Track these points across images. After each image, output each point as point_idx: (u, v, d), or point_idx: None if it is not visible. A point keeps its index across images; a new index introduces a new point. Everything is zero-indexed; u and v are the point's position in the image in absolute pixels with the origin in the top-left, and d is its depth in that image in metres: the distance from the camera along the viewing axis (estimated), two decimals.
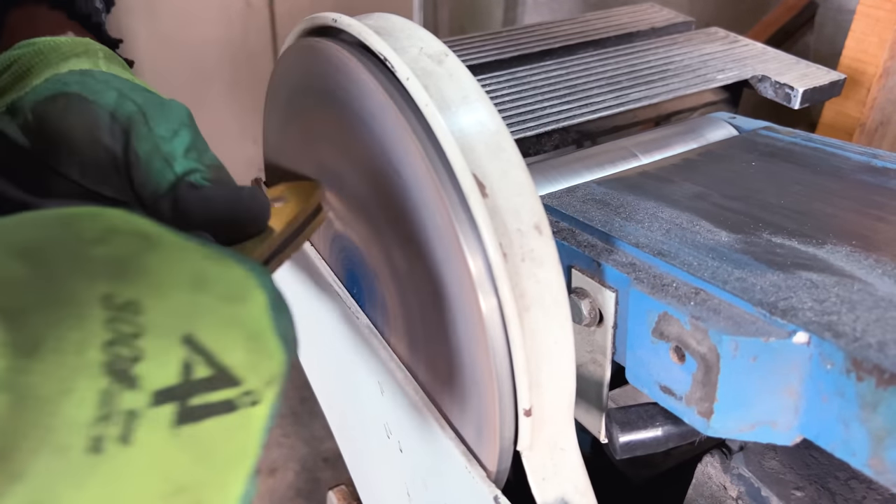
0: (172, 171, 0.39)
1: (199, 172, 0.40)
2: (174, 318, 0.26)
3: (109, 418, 0.23)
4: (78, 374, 0.23)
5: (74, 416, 0.22)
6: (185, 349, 0.25)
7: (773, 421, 0.36)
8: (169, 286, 0.26)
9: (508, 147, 0.36)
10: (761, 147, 0.54)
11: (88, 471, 0.23)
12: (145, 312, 0.25)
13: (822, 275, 0.38)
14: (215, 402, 0.26)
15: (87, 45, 0.45)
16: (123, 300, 0.25)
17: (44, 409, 0.22)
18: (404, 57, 0.37)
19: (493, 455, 0.38)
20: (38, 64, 0.43)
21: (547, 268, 0.36)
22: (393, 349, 0.45)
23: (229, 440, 0.26)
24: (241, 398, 0.27)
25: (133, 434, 0.23)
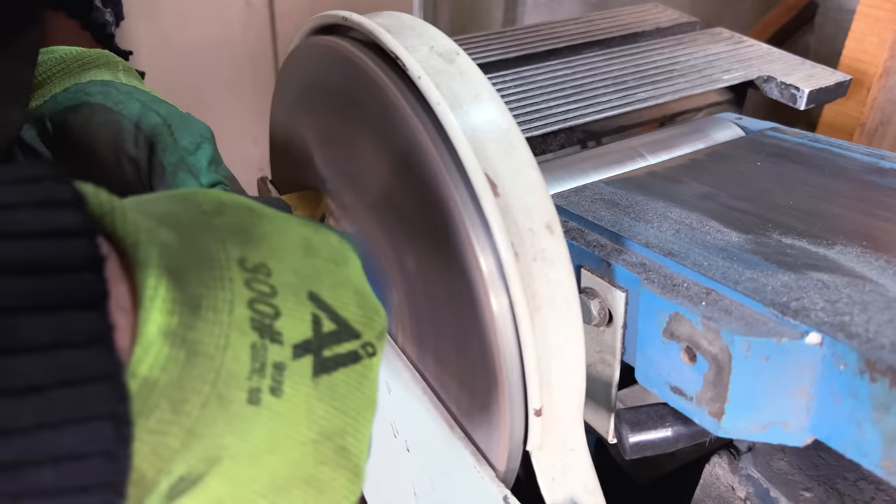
0: (198, 183, 0.40)
1: (223, 185, 0.40)
2: (299, 278, 0.27)
3: (262, 371, 0.24)
4: (232, 331, 0.24)
5: (233, 370, 0.24)
6: (313, 306, 0.27)
7: (785, 422, 0.36)
8: (286, 250, 0.28)
9: (520, 146, 0.36)
10: (768, 148, 0.54)
11: (249, 421, 0.24)
12: (275, 274, 0.26)
13: (833, 275, 0.38)
14: (343, 354, 0.28)
15: (107, 56, 0.45)
16: (255, 263, 0.26)
17: (209, 363, 0.23)
18: (415, 55, 0.37)
19: (503, 455, 0.38)
20: (59, 73, 0.44)
21: (558, 267, 0.35)
22: (401, 348, 0.45)
23: (358, 388, 0.28)
24: (361, 349, 0.28)
25: (282, 385, 0.25)
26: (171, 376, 0.22)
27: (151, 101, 0.42)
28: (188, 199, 0.27)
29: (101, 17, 0.49)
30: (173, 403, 0.22)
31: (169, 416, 0.22)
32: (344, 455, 0.27)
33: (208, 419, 0.23)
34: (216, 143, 0.43)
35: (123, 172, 0.42)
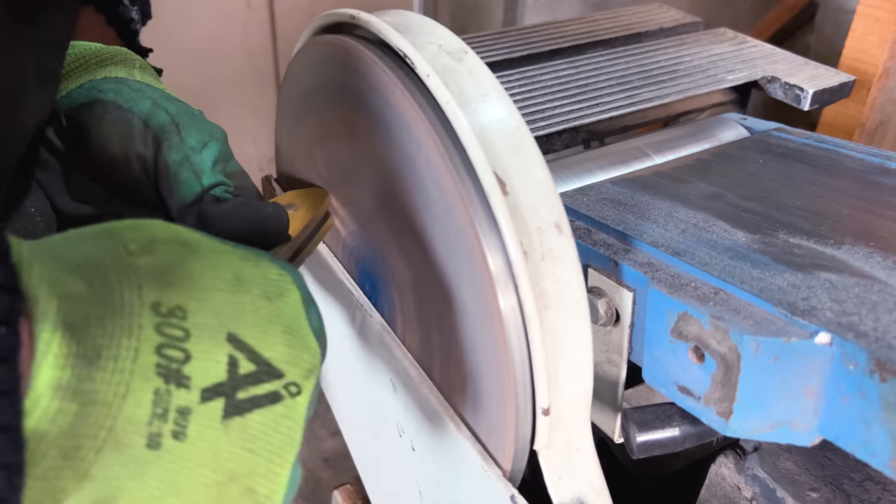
0: (200, 184, 0.40)
1: (225, 186, 0.41)
2: (218, 319, 0.27)
3: (164, 416, 0.25)
4: (134, 378, 0.24)
5: (133, 416, 0.24)
6: (230, 347, 0.27)
7: (793, 421, 0.35)
8: (211, 289, 0.28)
9: (528, 144, 0.36)
10: (774, 148, 0.54)
11: (148, 465, 0.24)
12: (191, 316, 0.27)
13: (841, 275, 0.38)
14: (261, 395, 0.27)
15: (125, 53, 0.46)
16: (170, 306, 0.26)
17: (106, 411, 0.23)
18: (424, 54, 0.37)
19: (510, 454, 0.38)
20: (77, 69, 0.44)
21: (566, 267, 0.35)
22: (407, 347, 0.45)
23: (275, 429, 0.28)
24: (284, 389, 0.28)
25: (186, 429, 0.25)
26: (60, 427, 0.22)
27: (162, 99, 0.42)
28: (115, 237, 0.28)
29: (128, 13, 0.50)
30: (65, 451, 0.23)
31: (60, 463, 0.23)
32: (251, 496, 0.27)
33: (104, 463, 0.24)
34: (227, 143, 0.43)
35: (132, 170, 0.42)
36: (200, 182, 0.40)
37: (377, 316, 0.47)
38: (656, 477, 0.59)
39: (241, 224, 0.38)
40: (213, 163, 0.41)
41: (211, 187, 0.40)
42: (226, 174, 0.42)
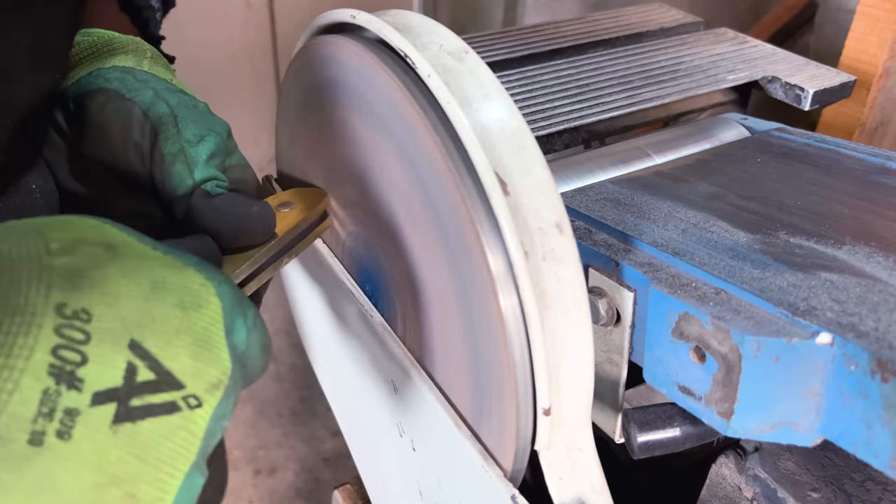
0: (191, 177, 0.40)
1: (217, 181, 0.42)
2: (123, 325, 0.28)
3: (50, 415, 0.25)
4: (24, 376, 0.25)
5: (18, 412, 0.25)
6: (131, 354, 0.28)
7: (794, 422, 0.35)
8: (123, 294, 0.29)
9: (529, 145, 0.36)
10: (775, 148, 0.54)
11: (27, 460, 0.25)
12: (95, 320, 0.27)
13: (842, 275, 0.38)
14: (156, 404, 0.28)
15: (137, 43, 0.47)
16: (76, 308, 0.27)
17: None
18: (425, 54, 0.37)
19: (510, 454, 0.38)
20: (89, 56, 0.45)
21: (567, 267, 0.35)
22: (407, 347, 0.45)
23: (168, 438, 0.28)
24: (182, 401, 0.28)
25: (72, 430, 0.26)
26: None
27: (164, 90, 0.43)
28: (40, 235, 0.28)
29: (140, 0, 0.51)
30: None
31: None
32: (132, 501, 0.27)
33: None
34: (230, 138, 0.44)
35: (130, 159, 0.43)
36: (192, 175, 0.40)
37: (378, 316, 0.47)
38: (656, 477, 0.59)
39: (225, 221, 0.39)
40: (209, 157, 0.41)
41: (203, 181, 0.40)
42: (225, 167, 0.43)
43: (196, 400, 0.29)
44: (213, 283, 0.31)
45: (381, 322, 0.46)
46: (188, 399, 0.29)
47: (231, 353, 0.31)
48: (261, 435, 1.57)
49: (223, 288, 0.32)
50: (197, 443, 0.29)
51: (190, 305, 0.30)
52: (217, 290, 0.31)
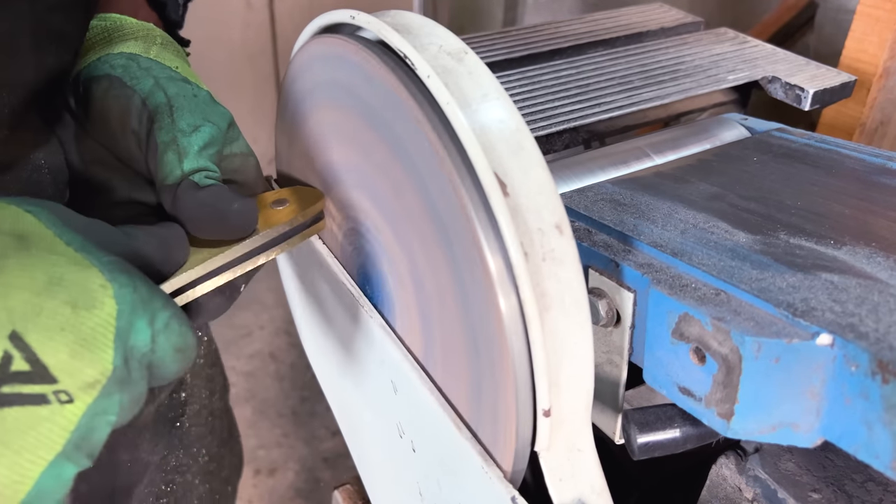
0: (181, 167, 0.41)
1: (207, 172, 0.42)
2: (8, 316, 0.29)
3: None
4: None
5: None
6: (9, 344, 0.29)
7: (795, 423, 0.35)
8: (15, 286, 0.30)
9: (529, 145, 0.36)
10: (775, 148, 0.54)
11: None
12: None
13: (842, 276, 0.38)
14: (25, 394, 0.29)
15: (148, 29, 0.48)
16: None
17: None
18: (424, 54, 0.37)
19: (510, 455, 0.38)
20: (102, 41, 0.46)
21: (567, 267, 0.35)
22: (408, 348, 0.45)
23: (32, 428, 0.29)
24: (53, 395, 0.30)
25: None
26: None
27: (166, 79, 0.44)
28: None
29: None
30: None
31: None
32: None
33: None
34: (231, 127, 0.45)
35: (130, 146, 0.44)
36: (181, 165, 0.41)
37: (378, 317, 0.47)
38: (657, 478, 0.59)
39: (205, 214, 0.40)
40: (201, 147, 0.42)
41: (192, 172, 0.41)
42: (224, 156, 0.44)
43: (67, 396, 0.30)
44: (114, 285, 0.32)
45: (381, 323, 0.46)
46: (59, 394, 0.30)
47: (120, 355, 0.32)
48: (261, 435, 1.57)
49: (124, 291, 0.32)
50: (65, 435, 0.30)
51: (82, 304, 0.31)
52: (116, 292, 0.32)
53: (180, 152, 0.41)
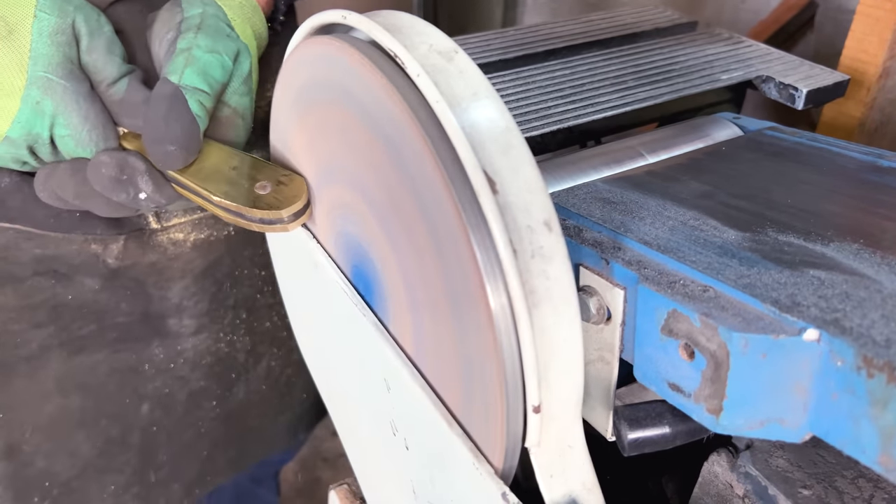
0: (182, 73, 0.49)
1: (193, 93, 0.49)
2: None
3: None
4: None
5: None
6: None
7: (783, 418, 0.36)
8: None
9: (518, 144, 0.36)
10: (767, 147, 0.55)
11: None
12: None
13: (830, 272, 0.38)
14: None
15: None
16: None
17: None
18: (414, 54, 0.37)
19: (501, 451, 0.38)
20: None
21: (556, 265, 0.36)
22: (400, 346, 0.45)
23: None
24: None
25: None
26: None
27: (212, 17, 0.52)
28: None
29: None
30: None
31: None
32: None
33: None
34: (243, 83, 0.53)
35: (158, 49, 0.53)
36: (184, 71, 0.49)
37: (370, 315, 0.47)
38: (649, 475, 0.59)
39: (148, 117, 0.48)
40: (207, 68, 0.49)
41: (188, 87, 0.48)
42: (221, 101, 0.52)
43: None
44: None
45: (374, 320, 0.47)
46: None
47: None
48: None
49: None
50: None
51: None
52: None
53: (189, 59, 0.49)
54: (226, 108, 0.53)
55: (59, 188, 0.52)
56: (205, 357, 0.75)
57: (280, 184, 0.49)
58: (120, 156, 0.50)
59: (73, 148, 0.50)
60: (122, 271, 0.67)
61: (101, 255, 0.65)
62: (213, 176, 0.50)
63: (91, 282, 0.66)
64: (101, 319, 0.68)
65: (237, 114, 0.53)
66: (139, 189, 0.50)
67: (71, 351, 0.68)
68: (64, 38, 0.49)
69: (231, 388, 0.79)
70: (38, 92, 0.48)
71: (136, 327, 0.70)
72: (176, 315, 0.72)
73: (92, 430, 0.71)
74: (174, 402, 0.75)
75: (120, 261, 0.66)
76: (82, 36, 0.50)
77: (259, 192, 0.48)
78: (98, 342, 0.69)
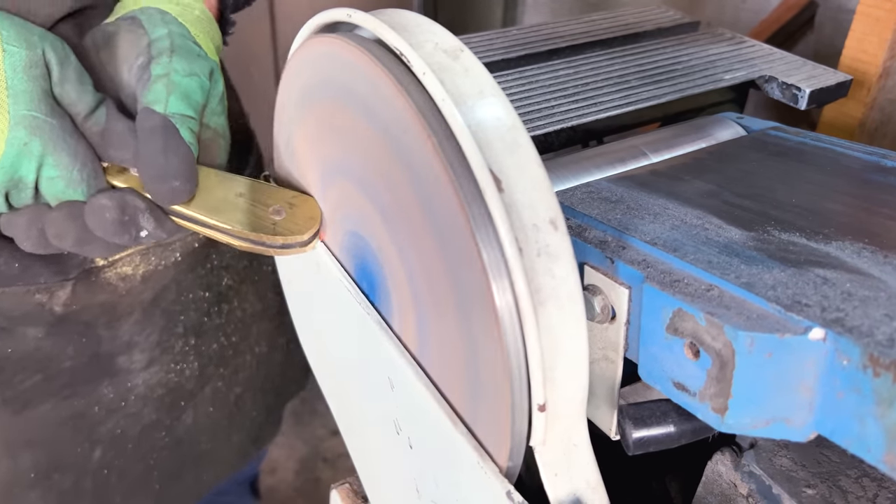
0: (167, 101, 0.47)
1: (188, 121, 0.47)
2: None
3: None
4: None
5: None
6: None
7: (788, 417, 0.36)
8: None
9: (524, 142, 0.36)
10: (771, 147, 0.55)
11: None
12: None
13: (834, 271, 0.38)
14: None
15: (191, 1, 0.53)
16: None
17: None
18: (420, 52, 0.37)
19: (506, 450, 0.38)
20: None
21: (562, 263, 0.36)
22: (404, 344, 0.45)
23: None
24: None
25: None
26: None
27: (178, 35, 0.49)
28: None
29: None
30: None
31: None
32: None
33: None
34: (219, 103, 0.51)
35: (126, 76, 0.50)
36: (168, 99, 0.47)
37: (374, 314, 0.47)
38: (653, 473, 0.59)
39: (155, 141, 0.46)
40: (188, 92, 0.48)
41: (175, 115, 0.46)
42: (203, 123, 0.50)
43: None
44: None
45: (378, 319, 0.47)
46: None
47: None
48: None
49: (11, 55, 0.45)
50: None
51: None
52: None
53: (169, 86, 0.46)
54: (207, 130, 0.51)
55: (58, 236, 0.48)
56: (156, 390, 0.72)
57: (292, 206, 0.49)
58: (119, 196, 0.47)
59: (63, 189, 0.47)
60: (70, 316, 0.63)
61: (46, 303, 0.61)
62: (223, 206, 0.48)
63: (34, 331, 0.62)
64: (45, 368, 0.64)
65: (218, 134, 0.52)
66: (141, 228, 0.47)
67: (16, 408, 0.64)
68: (38, 72, 0.45)
69: (180, 416, 0.76)
70: (25, 133, 0.44)
71: (84, 371, 0.66)
72: (126, 352, 0.69)
73: (44, 486, 0.68)
74: (126, 439, 0.72)
75: (68, 307, 0.62)
76: (53, 67, 0.46)
77: (274, 217, 0.48)
78: (44, 393, 0.65)
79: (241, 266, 0.78)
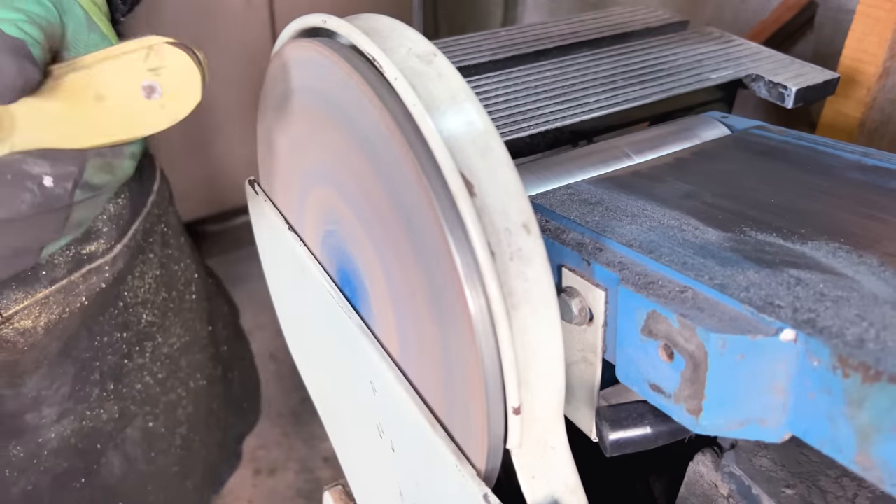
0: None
1: (15, 20, 0.41)
2: None
3: None
4: None
5: None
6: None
7: (762, 418, 0.36)
8: None
9: (497, 146, 0.36)
10: (753, 146, 0.55)
11: None
12: None
13: (808, 272, 0.38)
14: None
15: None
16: None
17: None
18: (393, 57, 0.38)
19: (483, 453, 0.38)
20: None
21: (535, 266, 0.36)
22: (385, 349, 0.45)
23: None
24: None
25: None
26: None
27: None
28: None
29: None
30: None
31: None
32: None
33: None
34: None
35: None
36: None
37: (356, 318, 0.47)
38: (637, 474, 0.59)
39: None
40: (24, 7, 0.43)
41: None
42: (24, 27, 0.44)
43: None
44: None
45: (359, 323, 0.47)
46: None
47: None
48: (261, 435, 1.57)
49: None
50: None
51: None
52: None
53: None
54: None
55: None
56: (70, 439, 0.67)
57: (157, 72, 0.43)
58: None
59: None
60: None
61: None
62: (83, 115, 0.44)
63: None
64: None
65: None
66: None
67: None
68: None
69: (98, 459, 0.71)
70: None
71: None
72: (34, 409, 0.64)
73: None
74: (39, 494, 0.67)
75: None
76: None
77: (153, 97, 0.43)
78: None
79: (159, 300, 0.71)
